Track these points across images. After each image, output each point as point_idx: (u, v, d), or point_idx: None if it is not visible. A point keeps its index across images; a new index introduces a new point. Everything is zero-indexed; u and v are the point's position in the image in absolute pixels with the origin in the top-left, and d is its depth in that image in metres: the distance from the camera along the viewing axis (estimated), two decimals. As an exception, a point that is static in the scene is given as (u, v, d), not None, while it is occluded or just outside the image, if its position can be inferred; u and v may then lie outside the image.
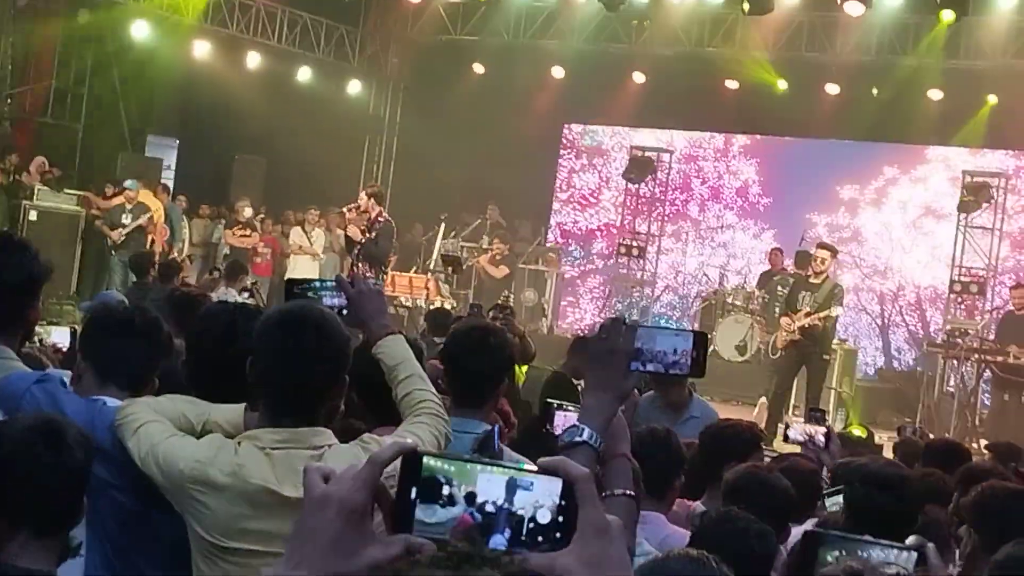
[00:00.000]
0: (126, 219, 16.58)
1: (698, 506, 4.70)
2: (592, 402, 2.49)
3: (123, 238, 16.37)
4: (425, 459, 1.39)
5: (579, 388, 8.42)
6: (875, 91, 18.29)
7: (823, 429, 5.59)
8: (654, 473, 3.96)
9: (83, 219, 17.06)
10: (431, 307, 16.02)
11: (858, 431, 8.85)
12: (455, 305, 17.64)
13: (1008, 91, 17.34)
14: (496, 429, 3.48)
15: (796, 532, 4.26)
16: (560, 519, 1.38)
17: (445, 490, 1.38)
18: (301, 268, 17.93)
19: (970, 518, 4.09)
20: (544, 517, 1.38)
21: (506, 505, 1.37)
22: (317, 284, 3.73)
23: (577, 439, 2.41)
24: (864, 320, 19.36)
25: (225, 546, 2.91)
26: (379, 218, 13.75)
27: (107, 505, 3.08)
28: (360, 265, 13.54)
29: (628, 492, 2.68)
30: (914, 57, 17.71)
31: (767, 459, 5.31)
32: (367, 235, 13.64)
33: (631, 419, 2.96)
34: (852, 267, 19.18)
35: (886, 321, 19.40)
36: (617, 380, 2.49)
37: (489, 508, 1.37)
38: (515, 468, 1.39)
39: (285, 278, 17.28)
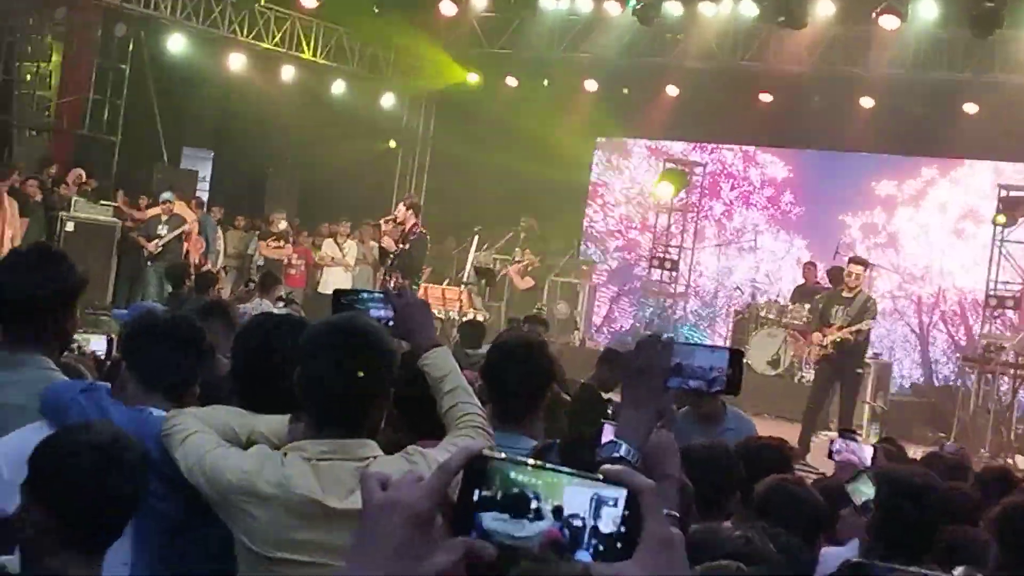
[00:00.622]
0: (162, 230, 16.70)
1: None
2: (629, 418, 2.50)
3: (160, 249, 16.49)
4: (512, 473, 1.38)
5: (606, 400, 8.43)
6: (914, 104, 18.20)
7: (868, 447, 5.56)
8: (708, 491, 3.90)
9: (119, 230, 17.18)
10: (464, 319, 16.07)
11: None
12: (487, 317, 17.68)
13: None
14: (555, 444, 3.48)
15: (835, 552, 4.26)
16: (623, 529, 1.38)
17: (533, 504, 1.37)
18: (334, 280, 18.00)
19: (994, 532, 4.06)
20: (608, 527, 1.38)
21: (591, 520, 1.37)
22: (365, 295, 3.73)
23: (615, 455, 2.41)
24: (900, 331, 19.23)
25: (271, 556, 2.93)
26: (414, 229, 13.78)
27: (152, 516, 3.06)
28: (393, 276, 13.58)
29: (672, 513, 2.70)
30: (949, 71, 17.62)
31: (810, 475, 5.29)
32: (401, 246, 13.69)
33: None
34: (889, 273, 19.05)
35: (924, 331, 19.27)
36: (654, 396, 2.50)
37: (576, 523, 1.37)
38: (592, 479, 1.39)
39: (321, 290, 17.46)
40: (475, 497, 1.38)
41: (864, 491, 4.50)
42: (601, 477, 1.40)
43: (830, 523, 4.44)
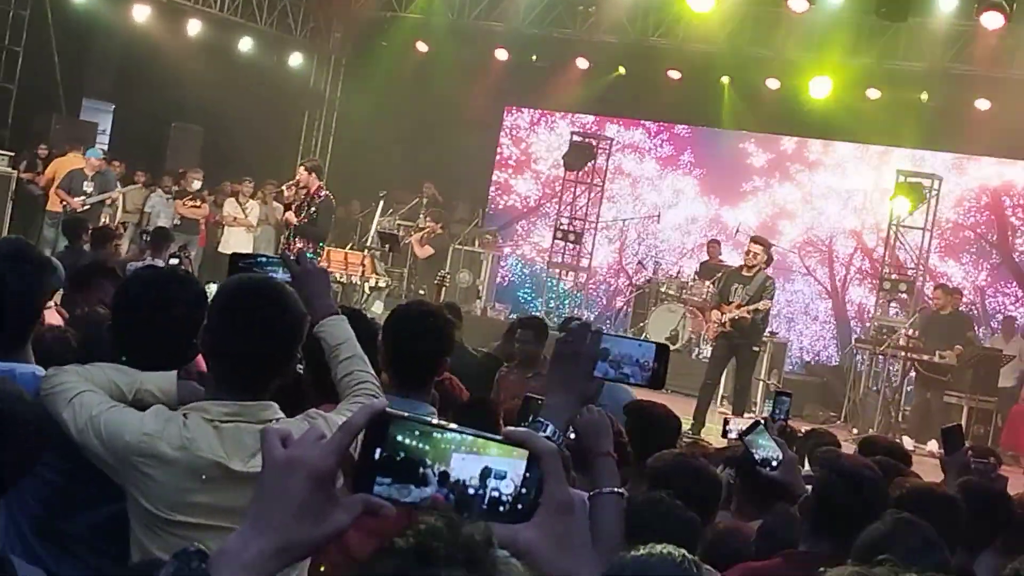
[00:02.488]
0: (88, 187, 16.21)
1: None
2: (555, 401, 2.53)
3: (87, 207, 15.97)
4: (399, 436, 1.37)
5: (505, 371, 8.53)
6: (820, 86, 18.41)
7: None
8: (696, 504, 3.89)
9: (14, 180, 16.75)
10: (367, 284, 15.97)
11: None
12: (390, 283, 17.61)
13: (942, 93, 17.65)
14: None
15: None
16: (523, 491, 1.38)
17: (419, 470, 1.37)
18: (235, 240, 17.78)
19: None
20: (507, 488, 1.38)
21: (480, 489, 1.37)
22: (263, 259, 3.71)
23: (541, 434, 2.43)
24: (801, 300, 19.56)
25: (170, 519, 2.88)
26: (318, 193, 13.60)
27: (27, 482, 2.93)
28: (295, 241, 13.39)
29: (617, 490, 2.71)
30: (855, 56, 17.89)
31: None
32: (305, 214, 13.50)
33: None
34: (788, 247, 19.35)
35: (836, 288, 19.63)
36: (581, 383, 2.54)
37: (463, 490, 1.37)
38: (486, 438, 1.39)
39: (221, 249, 17.22)
40: (376, 456, 1.38)
41: (764, 444, 4.54)
42: (501, 438, 1.40)
43: (722, 499, 4.48)
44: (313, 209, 13.45)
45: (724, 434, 6.32)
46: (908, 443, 13.24)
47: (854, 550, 3.32)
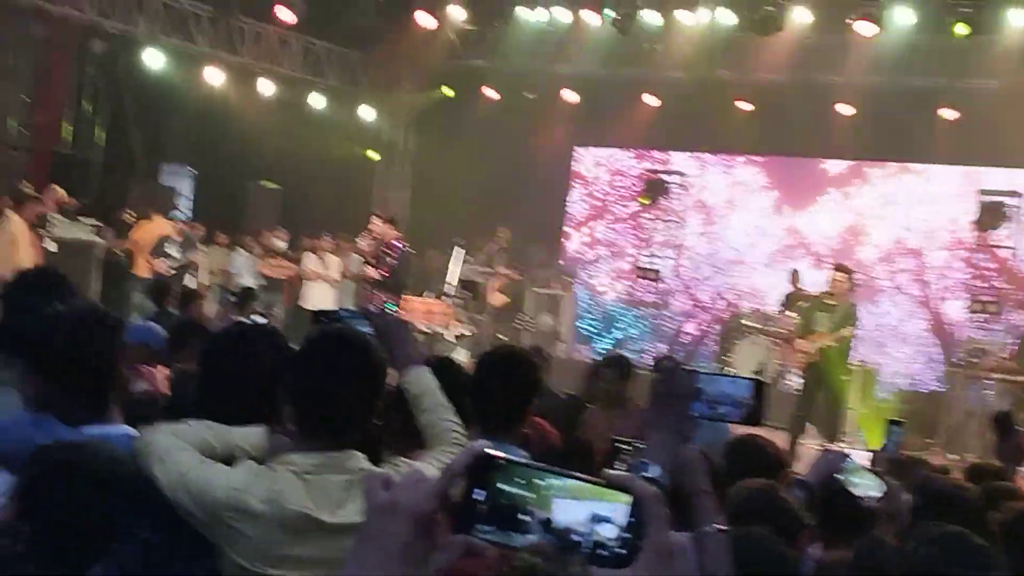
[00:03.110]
0: (171, 250, 16.49)
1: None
2: (656, 441, 2.55)
3: (174, 272, 16.17)
4: (501, 484, 1.38)
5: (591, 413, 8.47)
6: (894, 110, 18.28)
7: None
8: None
9: (102, 249, 17.09)
10: (447, 331, 16.00)
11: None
12: (473, 332, 17.62)
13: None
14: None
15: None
16: (625, 535, 1.37)
17: (522, 517, 1.36)
18: (317, 295, 17.92)
19: (1001, 541, 4.02)
20: (610, 533, 1.37)
21: (582, 534, 1.36)
22: (345, 314, 3.74)
23: (644, 475, 2.43)
24: (888, 330, 19.27)
25: (262, 573, 2.90)
26: (396, 244, 13.63)
27: (124, 542, 2.90)
28: (376, 294, 13.47)
29: (720, 527, 2.68)
30: (926, 77, 17.70)
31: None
32: (383, 267, 13.55)
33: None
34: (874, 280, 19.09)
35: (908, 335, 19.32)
36: (679, 422, 2.56)
37: (568, 536, 1.36)
38: (588, 482, 1.38)
39: (302, 303, 17.37)
40: (476, 497, 1.39)
41: (860, 482, 4.43)
42: (603, 482, 1.39)
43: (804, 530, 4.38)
44: (392, 261, 13.50)
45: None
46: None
47: None
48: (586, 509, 1.36)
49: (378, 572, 1.42)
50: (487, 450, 1.40)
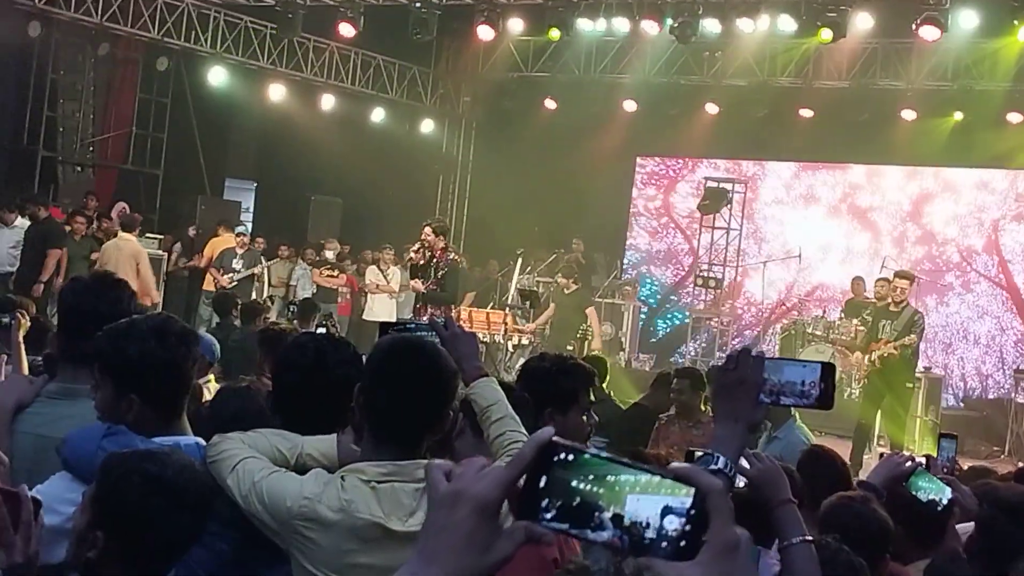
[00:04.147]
0: (237, 264, 16.67)
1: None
2: (723, 432, 2.51)
3: (234, 284, 16.34)
4: (573, 481, 1.37)
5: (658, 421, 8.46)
6: (958, 115, 18.09)
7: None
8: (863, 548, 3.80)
9: (165, 262, 17.32)
10: (509, 342, 16.02)
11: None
12: (532, 340, 17.60)
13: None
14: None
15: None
16: (688, 528, 1.37)
17: (594, 514, 1.37)
18: (379, 307, 18.03)
19: None
20: (673, 525, 1.37)
21: (652, 529, 1.36)
22: (412, 326, 3.77)
23: (712, 467, 2.41)
24: (955, 328, 19.05)
25: None
26: (445, 255, 13.33)
27: (197, 551, 2.95)
28: (426, 308, 13.26)
29: (806, 538, 2.66)
30: (991, 81, 17.50)
31: None
32: (432, 279, 13.30)
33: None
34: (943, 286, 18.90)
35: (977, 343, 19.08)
36: (746, 410, 2.50)
37: (638, 531, 1.36)
38: (656, 474, 1.38)
39: (366, 316, 17.48)
40: (541, 483, 1.38)
41: (926, 486, 4.37)
42: (670, 476, 1.39)
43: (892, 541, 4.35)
44: (440, 273, 13.20)
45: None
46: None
47: None
48: (655, 503, 1.36)
49: (443, 559, 1.43)
50: (555, 439, 1.41)
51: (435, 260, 13.25)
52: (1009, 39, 15.39)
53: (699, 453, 3.25)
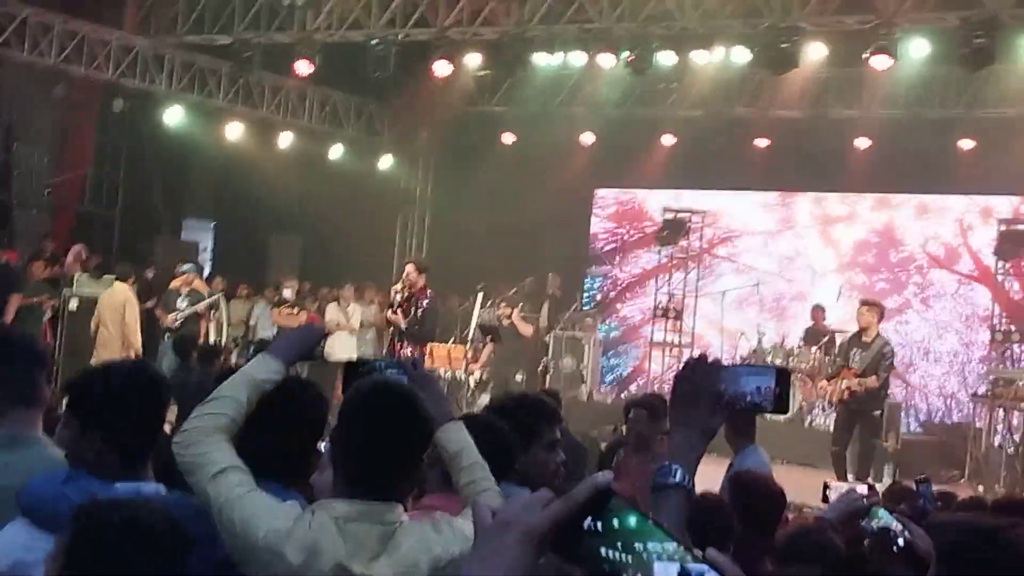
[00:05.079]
0: (182, 303, 16.58)
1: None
2: (680, 441, 2.50)
3: (178, 323, 16.32)
4: (603, 550, 1.41)
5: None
6: (912, 142, 18.34)
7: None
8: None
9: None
10: (471, 378, 16.01)
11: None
12: (490, 376, 17.59)
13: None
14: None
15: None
16: None
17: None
18: (339, 345, 17.95)
19: None
20: None
21: None
22: (380, 364, 3.77)
23: (671, 480, 2.40)
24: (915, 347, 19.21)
25: None
26: (424, 293, 13.62)
27: None
28: (402, 343, 13.47)
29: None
30: (943, 108, 17.74)
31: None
32: (411, 316, 13.54)
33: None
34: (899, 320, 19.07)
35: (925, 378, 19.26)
36: (703, 419, 2.49)
37: None
38: (687, 549, 1.41)
39: (327, 353, 17.41)
40: (586, 524, 1.44)
41: (882, 521, 4.39)
42: (699, 553, 1.43)
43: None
44: (419, 311, 13.46)
45: (824, 499, 6.20)
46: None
47: None
48: (677, 568, 1.40)
49: None
50: (609, 486, 1.45)
51: (415, 297, 13.49)
52: (959, 68, 15.56)
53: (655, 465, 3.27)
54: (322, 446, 3.49)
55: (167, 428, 5.92)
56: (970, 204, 19.24)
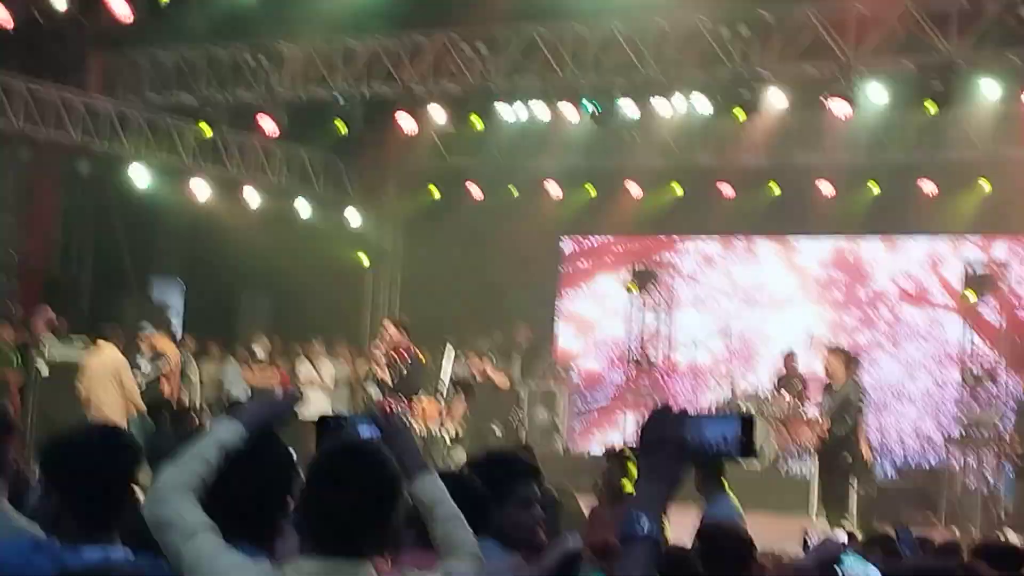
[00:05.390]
0: (143, 364, 16.47)
1: None
2: (647, 490, 2.51)
3: (143, 385, 16.20)
4: None
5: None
6: (873, 186, 18.53)
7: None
8: None
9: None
10: (445, 434, 15.97)
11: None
12: (464, 430, 17.53)
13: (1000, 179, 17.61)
14: None
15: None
16: None
17: None
18: (313, 401, 17.88)
19: None
20: None
21: None
22: (353, 418, 3.79)
23: (639, 531, 2.42)
24: (889, 400, 19.26)
25: None
26: (408, 349, 13.89)
27: None
28: (390, 399, 13.67)
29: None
30: (904, 152, 17.95)
31: None
32: (396, 370, 13.77)
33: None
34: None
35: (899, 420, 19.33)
36: (669, 467, 2.51)
37: None
38: None
39: (299, 411, 17.34)
40: None
41: (855, 570, 4.45)
42: None
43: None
44: (403, 367, 13.72)
45: (805, 546, 6.22)
46: (1013, 537, 12.87)
47: None
48: None
49: None
50: (579, 550, 1.46)
51: (397, 353, 13.76)
52: (917, 112, 15.78)
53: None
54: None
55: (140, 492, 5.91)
56: (933, 244, 19.42)
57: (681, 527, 5.62)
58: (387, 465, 3.09)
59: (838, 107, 16.18)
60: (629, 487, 8.13)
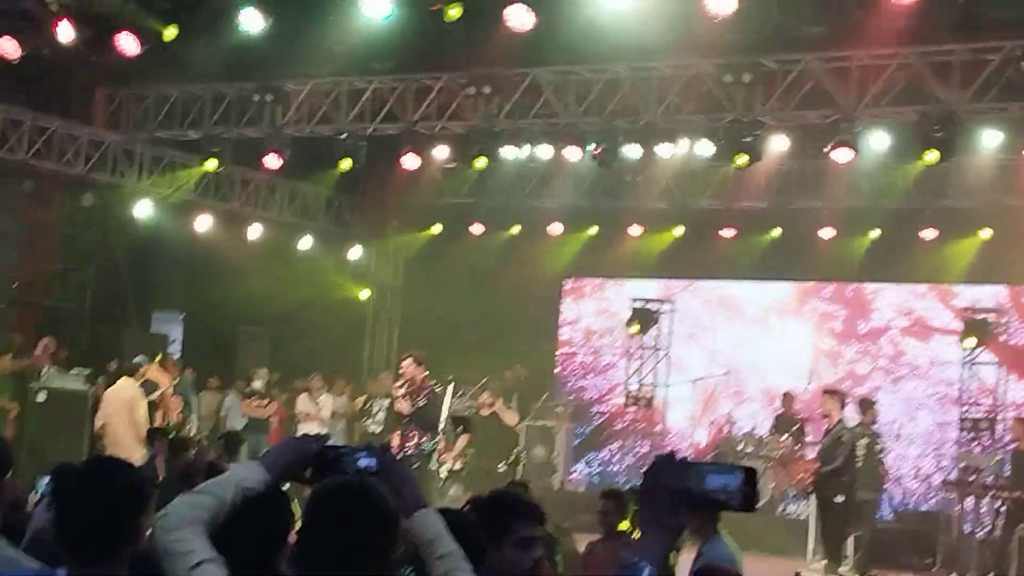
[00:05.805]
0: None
1: None
2: (648, 538, 2.53)
3: None
4: None
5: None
6: (875, 232, 18.59)
7: None
8: None
9: (90, 397, 17.06)
10: (443, 468, 15.96)
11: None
12: (464, 464, 17.50)
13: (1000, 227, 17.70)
14: None
15: None
16: None
17: None
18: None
19: None
20: None
21: None
22: (348, 450, 3.77)
23: None
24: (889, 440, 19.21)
25: None
26: (425, 383, 13.95)
27: None
28: (411, 432, 13.75)
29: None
30: (905, 199, 18.03)
31: None
32: (415, 404, 13.83)
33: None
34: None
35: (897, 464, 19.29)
36: (670, 516, 2.53)
37: None
38: None
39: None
40: None
41: None
42: None
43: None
44: (421, 400, 13.78)
45: None
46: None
47: None
48: None
49: None
50: None
51: (414, 388, 13.85)
52: (919, 160, 15.85)
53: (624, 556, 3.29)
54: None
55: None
56: (933, 291, 19.48)
57: (676, 567, 5.66)
58: (384, 501, 3.10)
59: (839, 154, 16.28)
60: (624, 525, 8.16)
